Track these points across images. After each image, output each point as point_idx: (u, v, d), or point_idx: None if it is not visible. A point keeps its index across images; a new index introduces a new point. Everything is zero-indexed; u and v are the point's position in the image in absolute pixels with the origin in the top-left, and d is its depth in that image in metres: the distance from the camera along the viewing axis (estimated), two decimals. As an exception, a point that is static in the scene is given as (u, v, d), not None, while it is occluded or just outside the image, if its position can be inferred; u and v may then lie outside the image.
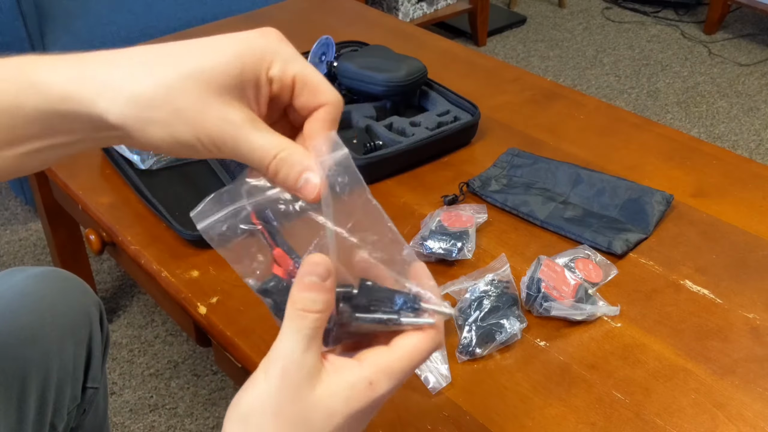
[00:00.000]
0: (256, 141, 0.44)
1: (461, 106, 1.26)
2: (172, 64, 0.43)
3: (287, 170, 0.44)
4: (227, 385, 1.61)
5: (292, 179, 0.44)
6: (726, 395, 0.80)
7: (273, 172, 0.44)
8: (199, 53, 0.43)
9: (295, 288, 0.43)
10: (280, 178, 0.44)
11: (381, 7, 2.91)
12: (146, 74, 0.42)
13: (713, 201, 1.09)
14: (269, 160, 0.44)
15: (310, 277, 0.43)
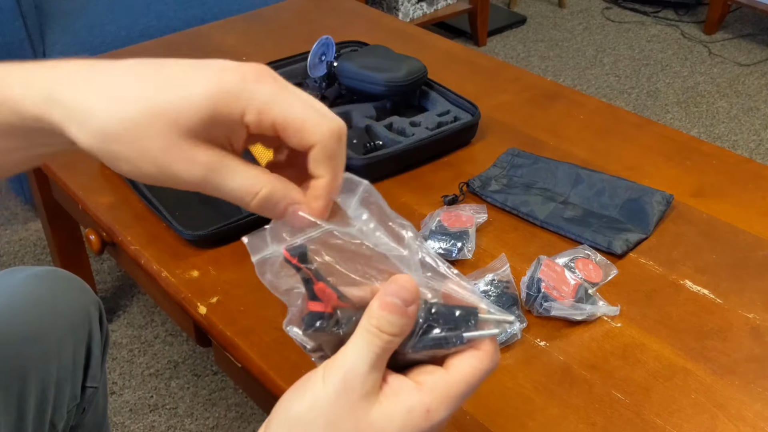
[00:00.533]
0: (231, 182, 0.42)
1: (461, 106, 1.26)
2: (144, 98, 0.41)
3: (271, 208, 0.43)
4: (227, 385, 1.61)
5: (278, 214, 0.44)
6: (726, 395, 0.80)
7: (257, 210, 0.43)
8: (172, 89, 0.42)
9: (376, 303, 0.41)
10: (264, 212, 0.44)
11: (381, 7, 2.91)
12: (115, 106, 0.41)
13: (713, 201, 1.09)
14: (250, 199, 0.43)
15: (394, 298, 0.41)
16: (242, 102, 0.41)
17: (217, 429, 1.53)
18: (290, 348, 0.86)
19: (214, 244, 1.01)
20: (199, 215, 1.04)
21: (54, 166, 1.20)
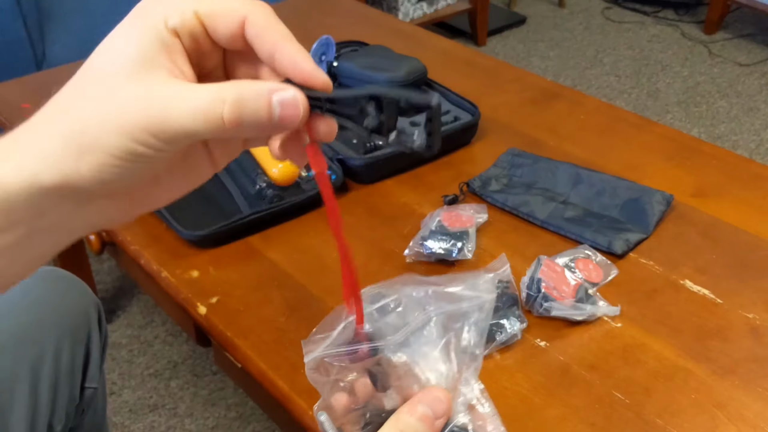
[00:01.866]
0: (189, 98, 0.34)
1: (461, 106, 1.26)
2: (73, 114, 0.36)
3: (252, 107, 0.35)
4: (227, 385, 1.61)
5: (265, 113, 0.35)
6: (726, 395, 0.80)
7: (236, 123, 0.34)
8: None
9: (407, 408, 0.42)
10: (250, 122, 0.35)
11: (381, 7, 2.91)
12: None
13: (713, 201, 1.09)
14: (220, 111, 0.34)
15: (427, 408, 0.42)
16: (158, 14, 0.36)
17: (217, 429, 1.52)
18: (290, 348, 0.86)
19: (214, 244, 1.01)
20: (199, 215, 1.04)
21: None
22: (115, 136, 0.34)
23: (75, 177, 0.35)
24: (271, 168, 1.08)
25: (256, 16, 0.36)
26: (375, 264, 0.98)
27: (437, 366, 0.44)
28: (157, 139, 0.34)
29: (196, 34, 0.37)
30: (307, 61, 0.37)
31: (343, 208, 1.09)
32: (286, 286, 0.95)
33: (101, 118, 0.35)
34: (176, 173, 0.41)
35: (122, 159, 0.35)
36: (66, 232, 0.39)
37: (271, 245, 1.00)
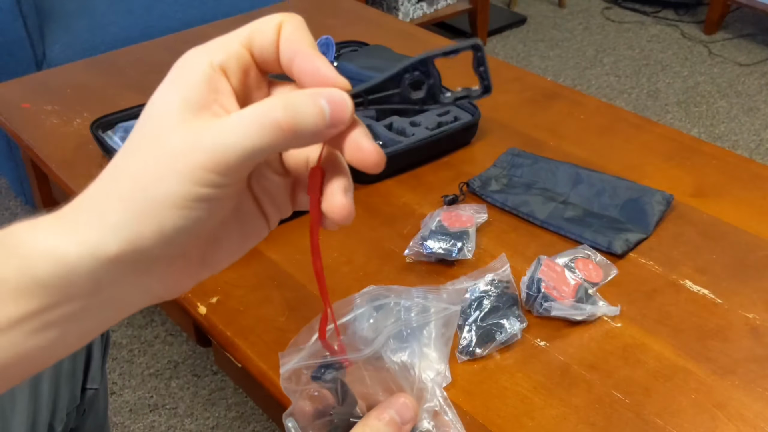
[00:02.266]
0: (240, 119, 0.34)
1: (461, 106, 1.26)
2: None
3: (304, 108, 0.34)
4: (227, 385, 1.61)
5: (317, 112, 0.35)
6: (726, 395, 0.80)
7: (292, 126, 0.34)
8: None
9: (375, 413, 0.43)
10: (306, 125, 0.34)
11: (381, 7, 2.91)
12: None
13: (713, 201, 1.09)
14: (275, 117, 0.34)
15: (394, 414, 0.43)
16: (202, 51, 0.36)
17: (217, 429, 1.53)
18: (290, 348, 0.86)
19: (214, 244, 1.01)
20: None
21: (54, 166, 1.20)
22: (174, 184, 0.34)
23: (137, 241, 0.34)
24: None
25: (289, 21, 0.37)
26: (375, 264, 0.98)
27: (406, 373, 0.45)
28: (215, 174, 0.34)
29: (243, 62, 0.36)
30: (328, 68, 0.36)
31: (343, 208, 1.09)
32: (286, 286, 0.95)
33: (156, 171, 0.34)
34: (232, 232, 0.41)
35: (183, 207, 0.34)
36: (122, 305, 0.38)
37: (272, 245, 1.01)
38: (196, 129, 0.34)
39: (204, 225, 0.36)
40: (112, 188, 0.35)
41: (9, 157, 1.93)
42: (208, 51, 0.36)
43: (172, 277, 0.38)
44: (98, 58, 1.55)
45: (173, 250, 0.36)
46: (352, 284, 0.93)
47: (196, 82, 0.35)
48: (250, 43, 0.36)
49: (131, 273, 0.36)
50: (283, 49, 0.36)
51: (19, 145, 1.37)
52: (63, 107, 1.35)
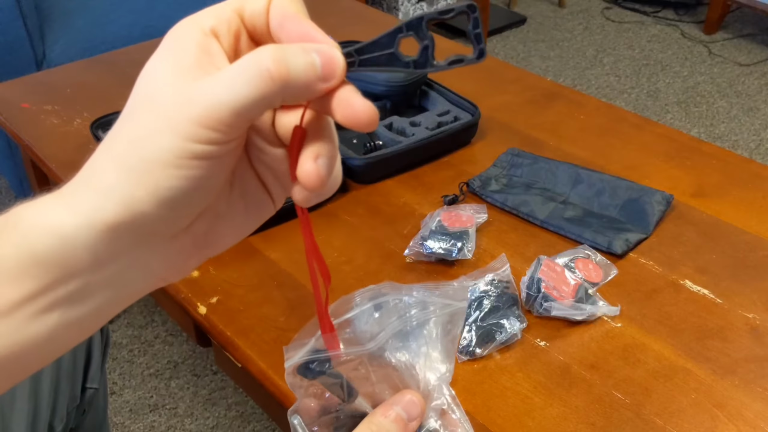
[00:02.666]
0: (230, 71, 0.33)
1: (461, 106, 1.26)
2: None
3: (294, 58, 0.33)
4: (227, 385, 1.61)
5: (309, 62, 0.34)
6: (726, 395, 0.80)
7: (284, 76, 0.33)
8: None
9: (382, 410, 0.43)
10: (297, 75, 0.33)
11: (381, 7, 2.91)
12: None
13: (713, 201, 1.09)
14: (266, 67, 0.33)
15: (401, 411, 0.42)
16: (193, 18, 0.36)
17: (217, 429, 1.53)
18: (290, 348, 0.86)
19: (214, 244, 1.01)
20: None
21: (54, 166, 1.20)
22: (167, 140, 0.33)
23: (133, 204, 0.33)
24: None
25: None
26: (375, 264, 0.98)
27: (411, 372, 0.45)
28: (208, 129, 0.33)
29: (233, 26, 0.36)
30: (318, 31, 0.36)
31: (344, 207, 1.09)
32: (286, 286, 0.95)
33: (148, 129, 0.33)
34: (236, 208, 0.40)
35: (177, 167, 0.33)
36: (124, 287, 0.37)
37: (272, 245, 1.01)
38: (189, 86, 0.33)
39: (201, 190, 0.35)
40: (106, 154, 0.35)
41: (9, 157, 1.93)
42: (199, 17, 0.35)
43: (174, 253, 0.37)
44: (98, 58, 1.55)
45: (172, 216, 0.35)
46: (353, 284, 0.93)
47: (188, 47, 0.34)
48: (242, 9, 0.36)
49: (131, 245, 0.35)
50: (273, 14, 0.36)
51: (19, 145, 1.37)
52: (63, 107, 1.35)
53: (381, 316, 0.45)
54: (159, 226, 0.35)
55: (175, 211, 0.34)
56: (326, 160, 0.36)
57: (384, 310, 0.45)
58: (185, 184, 0.33)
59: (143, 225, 0.34)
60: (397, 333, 0.45)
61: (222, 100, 0.32)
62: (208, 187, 0.35)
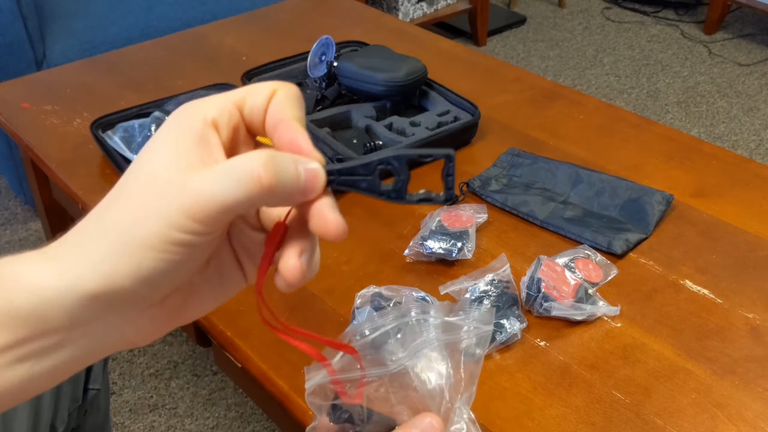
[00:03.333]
0: (223, 168, 0.35)
1: (461, 106, 1.26)
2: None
3: (284, 166, 0.36)
4: (227, 385, 1.61)
5: (295, 173, 0.36)
6: (726, 395, 0.80)
7: (272, 181, 0.35)
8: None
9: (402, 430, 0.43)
10: (284, 182, 0.36)
11: (381, 7, 2.91)
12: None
13: (713, 201, 1.09)
14: (257, 172, 0.35)
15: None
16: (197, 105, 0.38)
17: (217, 429, 1.53)
18: (290, 348, 0.86)
19: (214, 245, 1.01)
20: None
21: (54, 166, 1.20)
22: (154, 223, 0.34)
23: (115, 278, 0.35)
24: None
25: (282, 90, 0.38)
26: (375, 264, 0.98)
27: (432, 394, 0.45)
28: (194, 221, 0.34)
29: (233, 119, 0.38)
30: (307, 142, 0.38)
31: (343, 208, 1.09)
32: (286, 286, 0.95)
33: (139, 211, 0.35)
34: (211, 282, 0.42)
35: (160, 251, 0.35)
36: (95, 346, 0.38)
37: (272, 245, 1.00)
38: (183, 176, 0.35)
39: (180, 271, 0.37)
40: (96, 226, 0.36)
41: (9, 157, 1.93)
42: (204, 106, 0.37)
43: (146, 322, 0.39)
44: (98, 58, 1.55)
45: (149, 292, 0.37)
46: (353, 284, 0.93)
47: (189, 135, 0.36)
48: (242, 104, 0.38)
49: (107, 312, 0.36)
50: (270, 115, 0.38)
51: (19, 145, 1.37)
52: (63, 107, 1.35)
53: (404, 337, 0.45)
54: (135, 299, 0.37)
55: (152, 288, 0.36)
56: (308, 256, 0.40)
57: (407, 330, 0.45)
58: (165, 266, 0.35)
59: (121, 297, 0.36)
60: (419, 354, 0.45)
61: (212, 196, 0.34)
62: (186, 269, 0.37)
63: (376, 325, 0.46)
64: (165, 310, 0.39)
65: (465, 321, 0.46)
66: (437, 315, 0.46)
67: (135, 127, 1.21)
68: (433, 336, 0.45)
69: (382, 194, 0.39)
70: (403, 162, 0.40)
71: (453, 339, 0.46)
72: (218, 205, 0.34)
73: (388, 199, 0.39)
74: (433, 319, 0.46)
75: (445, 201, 0.40)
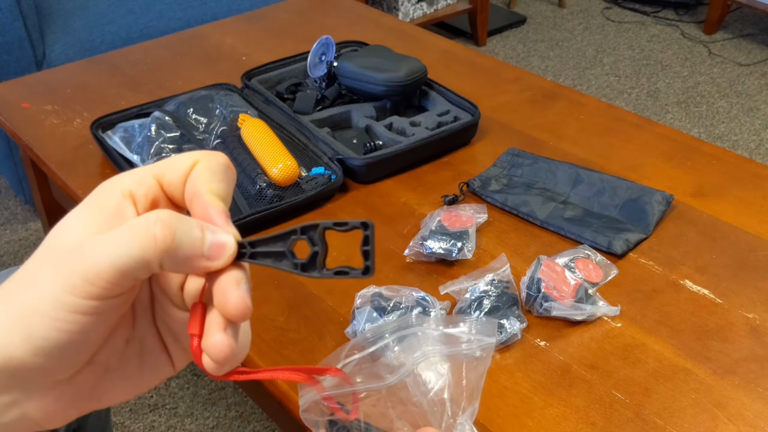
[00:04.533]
0: (121, 229, 0.33)
1: (461, 106, 1.26)
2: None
3: (185, 227, 0.34)
4: (227, 385, 1.61)
5: (198, 234, 0.34)
6: (726, 395, 0.80)
7: (168, 241, 0.33)
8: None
9: None
10: (183, 243, 0.34)
11: (381, 7, 2.91)
12: None
13: (713, 201, 1.09)
14: (152, 231, 0.33)
15: None
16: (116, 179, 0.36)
17: (217, 429, 1.53)
18: (290, 347, 0.86)
19: (214, 244, 1.01)
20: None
21: (54, 165, 1.20)
22: (47, 288, 0.33)
23: (7, 346, 0.33)
24: (272, 168, 1.08)
25: (204, 162, 0.36)
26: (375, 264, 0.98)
27: (433, 409, 0.44)
28: (90, 284, 0.32)
29: (151, 191, 0.36)
30: (220, 217, 0.36)
31: (343, 208, 1.09)
32: (285, 285, 0.95)
33: (36, 274, 0.34)
34: (129, 365, 0.39)
35: (55, 318, 0.33)
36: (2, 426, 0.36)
37: (271, 245, 1.00)
38: (85, 239, 0.34)
39: (81, 343, 0.34)
40: (2, 291, 0.35)
41: (9, 157, 1.93)
42: (121, 179, 0.36)
43: (52, 401, 0.36)
44: (98, 58, 1.55)
45: (49, 366, 0.34)
46: (353, 284, 0.93)
47: (104, 206, 0.35)
48: (162, 176, 0.36)
49: (6, 387, 0.34)
50: (187, 188, 0.36)
51: (19, 145, 1.37)
52: (63, 107, 1.35)
53: (403, 350, 0.44)
54: (35, 373, 0.34)
55: (51, 362, 0.34)
56: (234, 328, 0.36)
57: (406, 343, 0.44)
58: (61, 336, 0.33)
59: (18, 370, 0.34)
60: (419, 367, 0.44)
61: (105, 255, 0.32)
62: (87, 342, 0.35)
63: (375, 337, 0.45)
64: (74, 389, 0.37)
65: (467, 333, 0.45)
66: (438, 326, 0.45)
67: (135, 127, 1.21)
68: (433, 348, 0.44)
69: (296, 267, 0.37)
70: (318, 233, 0.37)
71: (455, 351, 0.44)
72: (110, 264, 0.32)
73: (302, 272, 0.37)
74: (434, 331, 0.45)
75: (363, 273, 0.38)
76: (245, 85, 1.34)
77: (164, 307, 0.39)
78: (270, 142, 1.13)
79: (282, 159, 1.09)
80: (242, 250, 0.37)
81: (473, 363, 0.44)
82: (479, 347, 0.44)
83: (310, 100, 1.29)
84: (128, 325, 0.38)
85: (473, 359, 0.44)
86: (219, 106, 1.24)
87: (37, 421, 0.36)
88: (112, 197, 0.35)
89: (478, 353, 0.44)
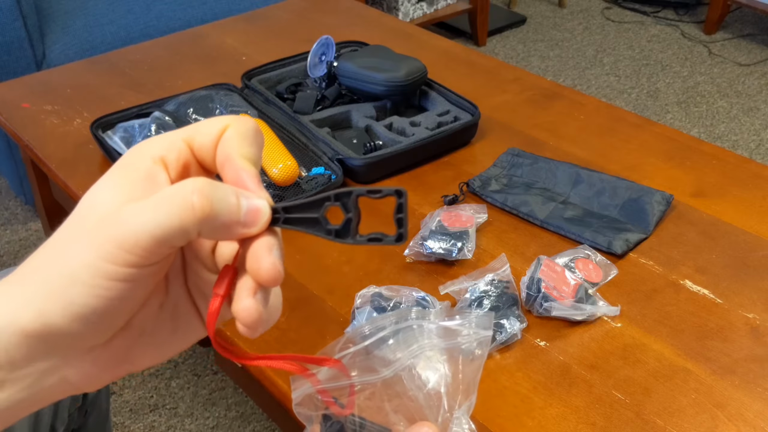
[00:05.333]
0: (157, 197, 0.33)
1: (461, 106, 1.26)
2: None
3: (221, 194, 0.34)
4: (227, 385, 1.61)
5: (234, 202, 0.35)
6: (726, 395, 0.80)
7: (207, 210, 0.33)
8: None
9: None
10: (221, 211, 0.34)
11: (381, 7, 2.91)
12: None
13: (713, 201, 1.09)
14: (190, 199, 0.33)
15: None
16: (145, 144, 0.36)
17: (217, 429, 1.53)
18: (290, 347, 0.86)
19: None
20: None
21: (54, 165, 1.20)
22: (85, 255, 0.33)
23: (47, 316, 0.33)
24: (272, 168, 1.09)
25: (233, 126, 0.36)
26: (375, 264, 0.98)
27: (429, 402, 0.43)
28: (126, 252, 0.33)
29: (183, 156, 0.36)
30: (252, 181, 0.36)
31: (343, 208, 1.09)
32: (285, 286, 0.94)
33: (71, 244, 0.34)
34: (162, 328, 0.39)
35: (92, 286, 0.33)
36: (37, 391, 0.36)
37: (272, 245, 1.00)
38: (120, 207, 0.33)
39: (117, 310, 0.35)
40: (36, 262, 0.35)
41: (9, 157, 1.93)
42: (150, 145, 0.36)
43: (89, 365, 0.37)
44: (98, 58, 1.55)
45: (86, 331, 0.35)
46: (353, 284, 0.93)
47: (134, 173, 0.35)
48: (191, 140, 0.36)
49: (45, 353, 0.35)
50: (218, 153, 0.36)
51: (19, 145, 1.37)
52: (63, 107, 1.35)
53: (399, 343, 0.44)
54: (73, 339, 0.35)
55: (89, 327, 0.34)
56: (264, 294, 0.37)
57: (402, 336, 0.44)
58: (99, 303, 0.33)
59: (57, 337, 0.34)
60: (416, 360, 0.43)
61: (143, 224, 0.32)
62: (124, 308, 0.35)
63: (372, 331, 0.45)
64: (110, 353, 0.37)
65: (463, 326, 0.44)
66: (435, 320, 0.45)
67: (135, 127, 1.21)
68: (429, 342, 0.44)
69: (330, 233, 0.37)
70: (351, 200, 0.37)
71: (451, 344, 0.44)
72: (149, 233, 0.32)
73: (336, 238, 0.37)
74: (431, 324, 0.44)
75: (397, 241, 0.38)
76: (245, 85, 1.34)
77: (197, 271, 0.39)
78: (270, 142, 1.13)
79: (282, 159, 1.09)
80: (276, 216, 0.37)
81: (470, 356, 0.44)
82: (476, 340, 0.44)
83: (310, 100, 1.29)
84: (162, 291, 0.39)
85: (470, 352, 0.44)
86: (219, 106, 1.24)
87: (76, 384, 0.37)
88: (143, 163, 0.35)
89: (474, 346, 0.44)
